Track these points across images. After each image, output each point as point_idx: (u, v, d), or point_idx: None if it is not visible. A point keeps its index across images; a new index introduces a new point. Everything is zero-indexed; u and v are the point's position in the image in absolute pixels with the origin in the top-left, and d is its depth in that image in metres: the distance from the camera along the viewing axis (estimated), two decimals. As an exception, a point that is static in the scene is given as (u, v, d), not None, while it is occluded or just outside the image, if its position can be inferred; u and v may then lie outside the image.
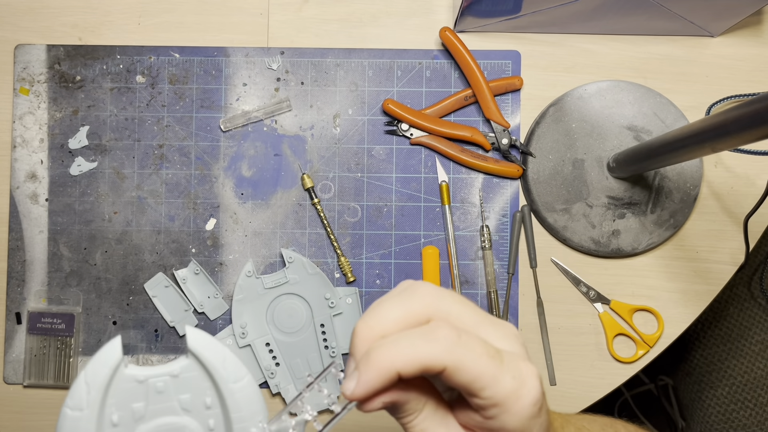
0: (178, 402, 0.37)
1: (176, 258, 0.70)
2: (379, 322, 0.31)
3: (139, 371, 0.36)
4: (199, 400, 0.37)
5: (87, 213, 0.70)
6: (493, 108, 0.69)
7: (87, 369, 0.36)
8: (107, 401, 0.36)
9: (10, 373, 0.69)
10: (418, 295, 0.32)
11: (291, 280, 0.68)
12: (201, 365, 0.37)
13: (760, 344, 0.85)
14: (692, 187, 0.69)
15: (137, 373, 0.36)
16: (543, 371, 0.69)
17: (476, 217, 0.70)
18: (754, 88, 0.70)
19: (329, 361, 0.68)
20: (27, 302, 0.69)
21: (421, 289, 0.32)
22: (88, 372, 0.36)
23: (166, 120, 0.70)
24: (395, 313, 0.31)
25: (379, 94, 0.70)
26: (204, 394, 0.37)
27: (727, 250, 0.70)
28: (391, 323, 0.31)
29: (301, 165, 0.70)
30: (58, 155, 0.70)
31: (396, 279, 0.69)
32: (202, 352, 0.37)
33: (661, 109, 0.69)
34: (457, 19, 0.68)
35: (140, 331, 0.69)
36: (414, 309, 0.31)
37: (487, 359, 0.30)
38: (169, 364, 0.37)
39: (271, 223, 0.70)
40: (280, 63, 0.70)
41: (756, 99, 0.42)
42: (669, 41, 0.70)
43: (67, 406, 0.36)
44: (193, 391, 0.37)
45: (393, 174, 0.70)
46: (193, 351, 0.37)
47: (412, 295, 0.32)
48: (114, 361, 0.36)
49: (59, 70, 0.70)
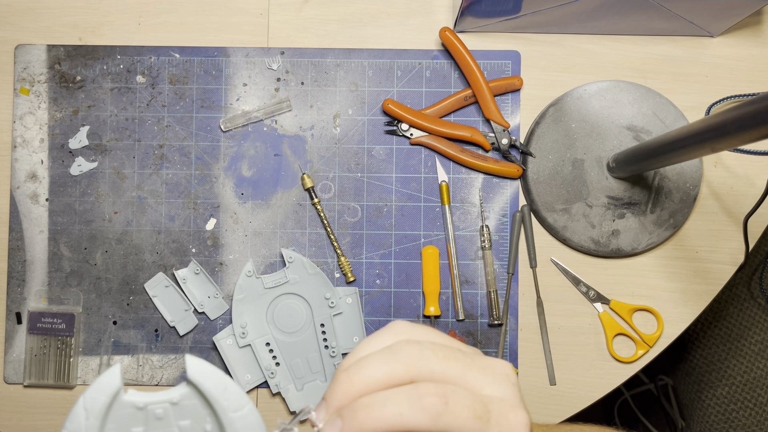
0: (178, 428, 0.37)
1: (176, 258, 0.70)
2: (361, 381, 0.31)
3: (139, 398, 0.36)
4: (198, 427, 0.37)
5: (87, 213, 0.70)
6: (493, 108, 0.69)
7: (86, 395, 0.36)
8: (106, 426, 0.36)
9: (11, 372, 0.69)
10: (403, 355, 0.31)
11: (291, 280, 0.68)
12: (201, 394, 0.37)
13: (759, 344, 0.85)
14: (692, 187, 0.69)
15: (136, 399, 0.36)
16: (543, 371, 0.69)
17: (476, 217, 0.70)
18: (754, 88, 0.70)
19: (329, 360, 0.68)
20: (27, 302, 0.69)
21: (405, 349, 0.31)
22: (87, 398, 0.36)
23: (166, 120, 0.70)
24: (378, 373, 0.31)
25: (379, 94, 0.70)
26: (204, 421, 0.37)
27: (726, 250, 0.70)
28: (373, 383, 0.31)
29: (301, 165, 0.70)
30: (59, 155, 0.70)
31: (396, 279, 0.70)
32: (202, 382, 0.37)
33: (661, 109, 0.69)
34: (457, 19, 0.68)
35: (140, 331, 0.70)
36: (397, 371, 0.31)
37: (473, 422, 0.30)
38: (168, 391, 0.37)
39: (271, 223, 0.70)
40: (280, 63, 0.70)
41: (756, 99, 0.42)
42: (669, 41, 0.70)
43: (66, 430, 0.36)
44: (192, 418, 0.37)
45: (393, 174, 0.70)
46: (193, 381, 0.36)
47: (396, 354, 0.31)
48: (113, 389, 0.36)
49: (59, 70, 0.70)
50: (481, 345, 0.69)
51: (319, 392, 0.69)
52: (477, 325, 0.69)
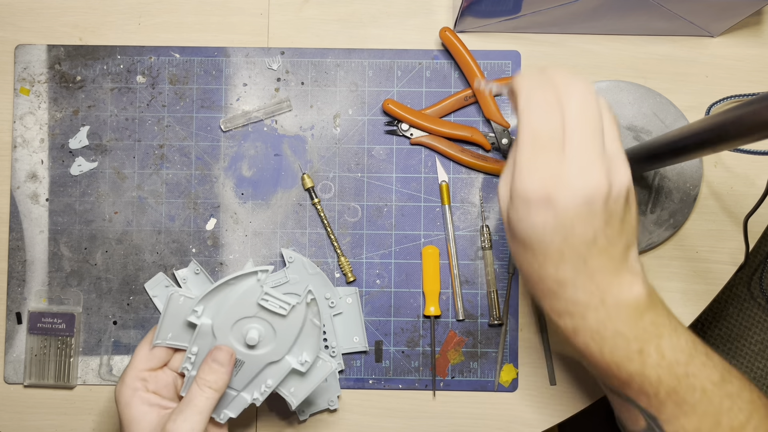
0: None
1: (176, 258, 0.70)
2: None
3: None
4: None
5: (87, 213, 0.70)
6: (493, 108, 0.69)
7: (260, 276, 0.59)
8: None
9: (11, 373, 0.69)
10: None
11: (291, 280, 0.68)
12: None
13: (759, 344, 0.85)
14: (692, 187, 0.69)
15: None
16: (543, 371, 0.69)
17: (476, 217, 0.70)
18: (754, 88, 0.70)
19: (329, 360, 0.68)
20: (27, 302, 0.69)
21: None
22: (261, 276, 0.59)
23: (166, 120, 0.70)
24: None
25: (379, 94, 0.71)
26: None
27: (726, 250, 0.70)
28: None
29: (301, 165, 0.70)
30: (59, 155, 0.70)
31: (396, 279, 0.70)
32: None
33: (661, 109, 0.69)
34: (457, 19, 0.68)
35: (140, 331, 0.69)
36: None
37: None
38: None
39: (271, 223, 0.70)
40: (280, 63, 0.70)
41: (756, 99, 0.42)
42: (669, 41, 0.70)
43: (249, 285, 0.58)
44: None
45: (393, 174, 0.70)
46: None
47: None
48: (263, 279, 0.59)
49: (59, 70, 0.70)
50: (481, 345, 0.69)
51: (319, 392, 0.69)
52: (477, 325, 0.69)
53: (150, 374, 0.58)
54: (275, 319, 0.58)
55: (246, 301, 0.58)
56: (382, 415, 0.69)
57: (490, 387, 0.69)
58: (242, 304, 0.58)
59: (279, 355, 0.59)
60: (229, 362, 0.57)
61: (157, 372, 0.59)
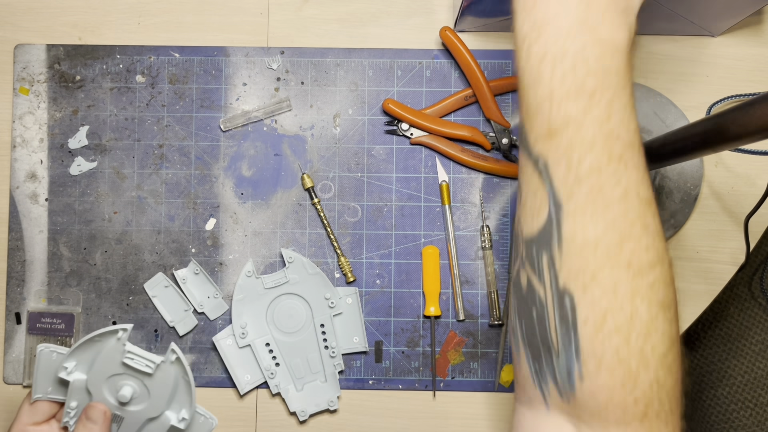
0: None
1: (176, 258, 0.70)
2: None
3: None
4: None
5: (87, 213, 0.70)
6: (494, 108, 0.69)
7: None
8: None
9: (10, 373, 0.69)
10: None
11: (291, 280, 0.68)
12: None
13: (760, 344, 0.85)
14: (693, 186, 0.69)
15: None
16: (543, 371, 0.69)
17: (476, 217, 0.70)
18: (754, 88, 0.70)
19: (329, 361, 0.68)
20: (27, 302, 0.69)
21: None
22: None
23: (166, 120, 0.70)
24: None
25: (379, 93, 0.70)
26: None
27: (727, 250, 0.70)
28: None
29: (301, 165, 0.70)
30: (58, 155, 0.70)
31: (396, 279, 0.69)
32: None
33: (662, 109, 0.69)
34: (457, 19, 0.68)
35: (140, 331, 0.69)
36: None
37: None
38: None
39: (271, 223, 0.70)
40: (280, 63, 0.70)
41: (756, 99, 0.42)
42: (669, 41, 0.70)
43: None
44: None
45: (393, 174, 0.70)
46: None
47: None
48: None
49: (59, 70, 0.70)
50: (482, 345, 0.69)
51: (319, 392, 0.69)
52: (477, 325, 0.69)
53: (34, 428, 0.57)
54: (144, 377, 0.56)
55: (112, 358, 0.56)
56: (382, 416, 0.69)
57: (490, 387, 0.69)
58: (109, 362, 0.56)
59: (157, 411, 0.57)
60: (102, 419, 0.55)
61: (41, 426, 0.58)
